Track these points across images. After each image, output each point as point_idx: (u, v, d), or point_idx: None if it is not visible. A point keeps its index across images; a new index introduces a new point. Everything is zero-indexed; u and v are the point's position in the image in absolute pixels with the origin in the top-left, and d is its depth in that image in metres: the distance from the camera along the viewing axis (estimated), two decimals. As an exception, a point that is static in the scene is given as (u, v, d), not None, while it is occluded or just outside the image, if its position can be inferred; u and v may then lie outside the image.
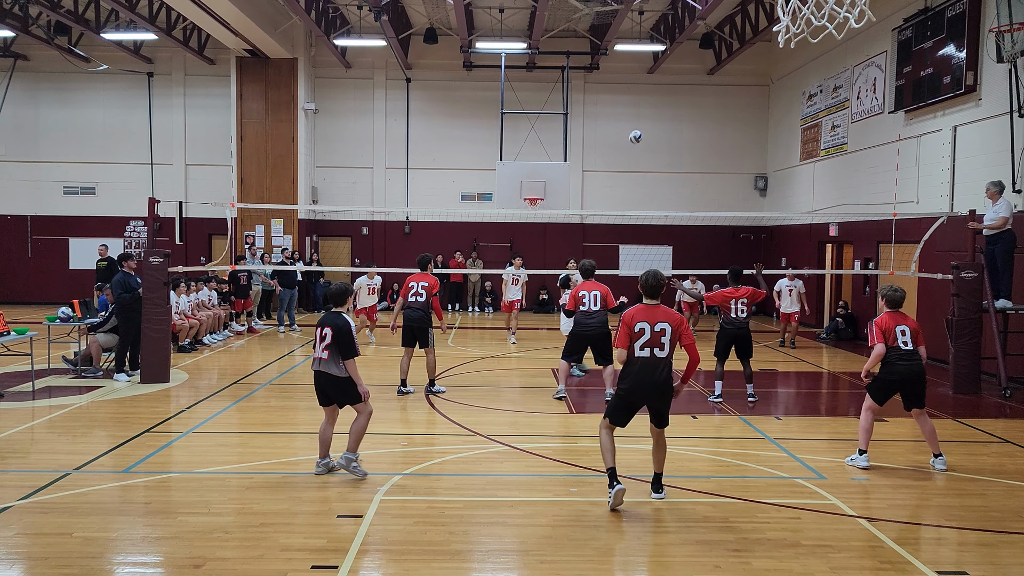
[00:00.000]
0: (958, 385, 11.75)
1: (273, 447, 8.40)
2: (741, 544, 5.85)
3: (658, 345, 6.36)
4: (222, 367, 13.48)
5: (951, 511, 6.69)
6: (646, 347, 6.36)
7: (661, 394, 6.46)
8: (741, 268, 11.21)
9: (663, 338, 6.36)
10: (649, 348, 6.36)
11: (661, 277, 6.62)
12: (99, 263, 18.28)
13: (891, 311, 7.83)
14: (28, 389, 11.02)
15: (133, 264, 12.30)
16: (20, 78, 23.32)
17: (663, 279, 6.65)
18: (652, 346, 6.35)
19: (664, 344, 6.37)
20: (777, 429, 9.52)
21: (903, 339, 7.66)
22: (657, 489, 6.76)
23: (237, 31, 19.39)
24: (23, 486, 6.92)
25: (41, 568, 5.34)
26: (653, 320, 6.39)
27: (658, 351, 6.37)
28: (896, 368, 7.66)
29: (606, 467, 6.58)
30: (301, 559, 5.50)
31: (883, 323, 7.72)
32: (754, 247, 23.72)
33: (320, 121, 23.60)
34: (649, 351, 6.36)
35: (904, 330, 7.70)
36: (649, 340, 6.35)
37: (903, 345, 7.64)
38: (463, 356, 14.80)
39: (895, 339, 7.67)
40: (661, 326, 6.37)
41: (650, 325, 6.36)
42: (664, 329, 6.37)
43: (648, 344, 6.35)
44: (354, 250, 24.11)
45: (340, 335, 7.05)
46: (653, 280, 6.58)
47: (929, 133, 15.22)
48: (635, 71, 23.71)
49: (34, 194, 23.77)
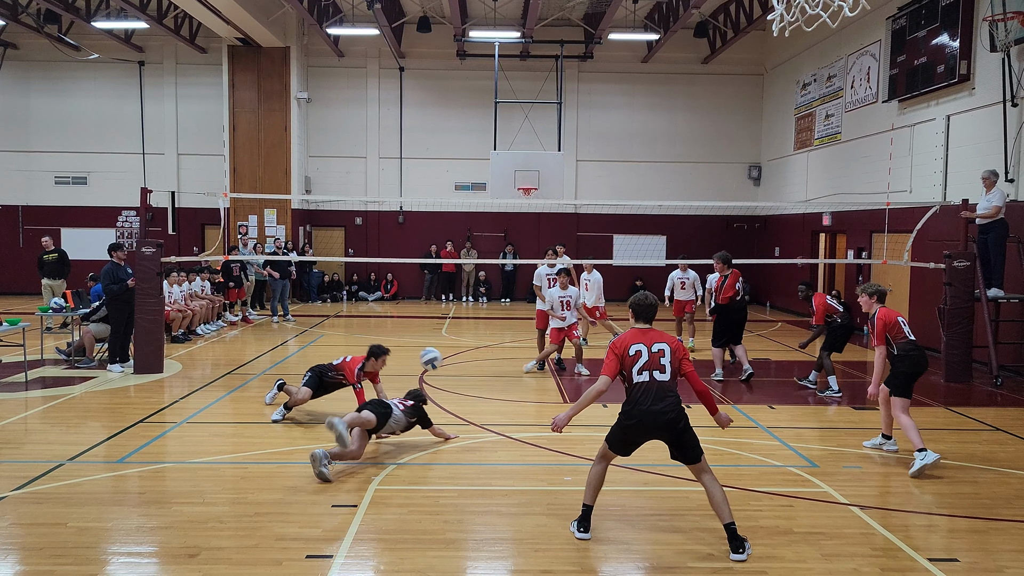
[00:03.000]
0: (950, 373, 11.82)
1: (267, 437, 8.40)
2: (734, 532, 5.88)
3: (658, 367, 5.63)
4: (216, 357, 13.46)
5: (942, 498, 6.73)
6: (645, 370, 5.63)
7: (670, 424, 5.58)
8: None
9: (662, 359, 5.65)
10: (648, 371, 5.63)
11: (653, 300, 5.94)
12: (47, 256, 16.53)
13: (884, 306, 7.86)
14: (21, 380, 10.98)
15: (123, 255, 12.09)
16: (10, 67, 23.15)
17: (656, 302, 5.96)
18: (651, 369, 5.63)
19: (665, 366, 5.64)
20: (770, 418, 9.55)
21: (907, 328, 7.71)
22: (736, 549, 5.48)
23: (229, 19, 19.27)
24: (17, 476, 6.91)
25: (36, 558, 5.34)
26: (649, 341, 5.70)
27: (658, 374, 5.62)
28: (916, 359, 7.63)
29: (583, 502, 5.86)
30: (296, 548, 5.52)
31: (887, 318, 7.68)
32: (748, 236, 23.75)
33: (313, 110, 23.51)
34: (648, 375, 5.62)
35: (903, 320, 7.75)
36: (648, 363, 5.64)
37: (910, 334, 7.67)
38: (457, 346, 14.80)
39: (901, 331, 7.66)
40: (659, 347, 5.68)
41: (647, 347, 5.66)
42: (663, 350, 5.67)
43: (647, 367, 5.63)
44: (348, 240, 24.06)
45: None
46: (645, 302, 5.88)
47: (923, 122, 15.23)
48: (629, 60, 23.65)
49: (25, 184, 23.64)
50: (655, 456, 7.71)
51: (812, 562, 5.42)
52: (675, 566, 5.35)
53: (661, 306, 6.91)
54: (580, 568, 5.33)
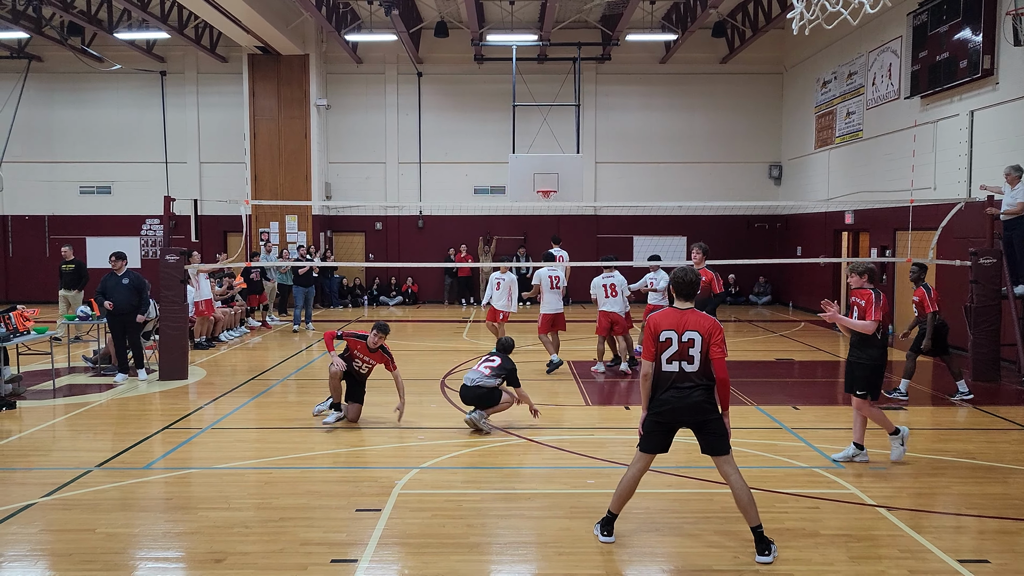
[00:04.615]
0: (977, 372, 11.65)
1: (291, 442, 8.45)
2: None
3: (686, 358, 5.52)
4: (239, 363, 13.57)
5: (971, 499, 6.64)
6: (673, 360, 5.54)
7: (698, 407, 5.54)
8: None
9: (691, 349, 5.52)
10: (677, 361, 5.53)
11: (694, 277, 5.73)
12: (65, 266, 16.07)
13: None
14: (49, 387, 11.13)
15: (119, 265, 11.73)
16: (35, 79, 23.47)
17: (697, 279, 5.76)
18: (680, 359, 5.53)
19: (693, 357, 5.51)
20: (794, 418, 9.48)
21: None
22: (762, 551, 5.42)
23: (249, 28, 19.44)
24: (46, 483, 7.00)
25: (65, 564, 5.41)
26: (681, 328, 5.55)
27: (686, 364, 5.53)
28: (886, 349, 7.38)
29: (609, 509, 5.81)
30: (321, 553, 5.54)
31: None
32: (769, 236, 23.57)
33: (332, 117, 23.65)
34: (677, 365, 5.54)
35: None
36: (676, 352, 5.54)
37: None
38: (476, 350, 14.81)
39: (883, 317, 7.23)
40: (689, 336, 5.52)
41: (677, 334, 5.54)
42: (692, 339, 5.51)
43: (675, 357, 5.54)
44: (368, 245, 24.17)
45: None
46: (685, 279, 5.70)
47: (946, 118, 15.06)
48: (647, 61, 23.58)
49: (51, 194, 23.95)
50: (679, 459, 7.68)
51: (840, 565, 5.36)
52: (701, 570, 5.32)
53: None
54: (605, 572, 5.31)
